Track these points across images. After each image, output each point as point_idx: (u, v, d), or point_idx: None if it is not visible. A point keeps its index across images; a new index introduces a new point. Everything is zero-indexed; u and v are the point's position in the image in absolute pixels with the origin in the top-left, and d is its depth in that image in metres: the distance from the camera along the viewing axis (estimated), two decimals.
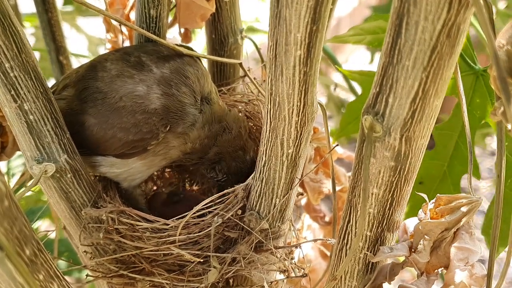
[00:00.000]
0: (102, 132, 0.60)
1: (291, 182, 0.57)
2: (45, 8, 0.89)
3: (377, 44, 0.74)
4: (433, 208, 0.51)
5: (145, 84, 0.60)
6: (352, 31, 0.75)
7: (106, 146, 0.61)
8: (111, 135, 0.60)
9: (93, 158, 0.63)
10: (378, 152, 0.46)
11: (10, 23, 0.52)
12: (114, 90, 0.60)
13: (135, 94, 0.59)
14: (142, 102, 0.59)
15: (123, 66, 0.61)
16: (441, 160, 0.75)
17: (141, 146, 0.61)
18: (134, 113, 0.59)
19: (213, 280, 0.58)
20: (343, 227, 0.52)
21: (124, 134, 0.60)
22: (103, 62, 0.63)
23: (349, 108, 0.84)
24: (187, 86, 0.62)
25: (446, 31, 0.39)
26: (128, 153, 0.61)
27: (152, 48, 0.64)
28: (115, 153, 0.62)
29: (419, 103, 0.42)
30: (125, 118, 0.59)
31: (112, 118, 0.59)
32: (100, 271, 0.64)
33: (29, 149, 0.57)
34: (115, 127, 0.60)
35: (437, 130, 0.75)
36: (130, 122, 0.59)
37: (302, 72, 0.47)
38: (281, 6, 0.44)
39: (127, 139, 0.60)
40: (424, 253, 0.49)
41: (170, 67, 0.62)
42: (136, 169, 0.64)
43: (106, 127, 0.60)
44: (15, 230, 0.41)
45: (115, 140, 0.60)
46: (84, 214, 0.61)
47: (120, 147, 0.61)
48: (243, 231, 0.60)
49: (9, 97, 0.54)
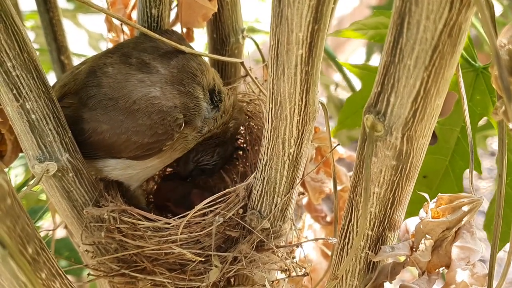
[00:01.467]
0: (115, 137, 0.60)
1: (292, 182, 0.57)
2: (47, 8, 0.89)
3: (378, 39, 0.74)
4: (434, 207, 0.51)
5: (159, 86, 0.60)
6: (354, 26, 0.75)
7: (120, 149, 0.61)
8: (125, 139, 0.60)
9: (105, 162, 0.63)
10: (379, 151, 0.46)
11: (12, 22, 0.52)
12: (125, 95, 0.59)
13: (150, 96, 0.59)
14: (158, 102, 0.59)
15: (127, 69, 0.61)
16: (443, 155, 0.76)
17: (156, 148, 0.61)
18: (149, 114, 0.59)
19: (214, 279, 0.58)
20: (345, 226, 0.52)
21: (139, 138, 0.60)
22: (103, 67, 0.62)
23: (348, 102, 0.84)
24: (196, 82, 0.63)
25: (448, 31, 0.39)
26: (143, 154, 0.62)
27: (150, 45, 0.64)
28: (129, 156, 0.62)
29: (420, 102, 0.42)
30: (140, 120, 0.59)
31: (126, 123, 0.59)
32: (102, 270, 0.64)
33: (31, 148, 0.57)
34: (130, 131, 0.59)
35: (439, 125, 0.75)
36: (145, 124, 0.59)
37: (304, 71, 0.47)
38: (283, 5, 0.44)
39: (142, 141, 0.60)
40: (425, 252, 0.49)
41: (176, 66, 0.62)
42: (154, 167, 0.66)
43: (119, 132, 0.60)
44: (17, 229, 0.41)
45: (130, 144, 0.60)
46: (86, 213, 0.61)
47: (135, 149, 0.61)
48: (245, 230, 0.60)
49: (11, 96, 0.54)
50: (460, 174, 0.76)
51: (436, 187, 0.77)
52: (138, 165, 0.63)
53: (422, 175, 0.76)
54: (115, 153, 0.62)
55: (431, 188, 0.77)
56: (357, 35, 0.75)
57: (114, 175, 0.64)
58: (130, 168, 0.64)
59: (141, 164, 0.63)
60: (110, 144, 0.61)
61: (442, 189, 0.76)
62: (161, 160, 0.64)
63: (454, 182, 0.76)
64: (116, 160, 0.63)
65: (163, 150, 0.61)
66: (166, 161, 0.66)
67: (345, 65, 0.80)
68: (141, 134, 0.59)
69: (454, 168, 0.75)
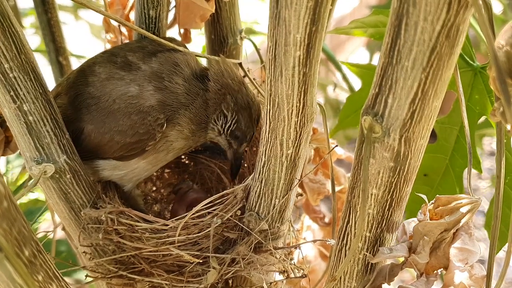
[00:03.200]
0: (99, 137, 0.60)
1: (290, 183, 0.57)
2: (45, 9, 0.89)
3: (378, 37, 0.75)
4: (432, 208, 0.51)
5: (136, 83, 0.60)
6: (353, 24, 0.75)
7: (105, 149, 0.61)
8: (108, 139, 0.60)
9: (94, 163, 0.63)
10: (377, 153, 0.46)
11: (9, 24, 0.52)
12: (107, 93, 0.60)
13: (128, 95, 0.59)
14: (136, 102, 0.59)
15: (112, 68, 0.61)
16: (443, 153, 0.76)
17: (139, 148, 0.61)
18: (129, 114, 0.59)
19: (212, 281, 0.58)
20: (343, 228, 0.52)
21: (121, 137, 0.60)
22: (92, 66, 0.63)
23: (348, 101, 0.84)
24: (178, 74, 0.61)
25: (446, 32, 0.39)
26: (127, 155, 0.61)
27: (136, 45, 0.64)
28: (114, 156, 0.62)
29: (418, 103, 0.42)
30: (121, 121, 0.59)
31: (108, 122, 0.60)
32: (100, 272, 0.64)
33: (28, 150, 0.57)
34: (112, 130, 0.60)
35: (438, 124, 0.75)
36: (126, 124, 0.59)
37: (302, 73, 0.47)
38: (280, 7, 0.44)
39: (125, 141, 0.60)
40: (423, 254, 0.49)
41: (158, 60, 0.62)
42: (141, 168, 0.65)
43: (103, 132, 0.60)
44: (14, 231, 0.41)
45: (113, 144, 0.61)
46: (84, 214, 0.61)
47: (119, 149, 0.61)
48: (243, 232, 0.60)
49: (9, 98, 0.54)
50: (460, 172, 0.76)
51: (437, 186, 0.77)
52: (124, 166, 0.63)
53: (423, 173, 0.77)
54: (102, 154, 0.62)
55: (432, 186, 0.77)
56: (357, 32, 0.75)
57: (105, 175, 0.64)
58: (117, 169, 0.64)
59: (126, 165, 0.63)
60: (96, 144, 0.61)
61: (443, 187, 0.76)
62: (147, 162, 0.64)
63: (454, 180, 0.76)
64: (104, 161, 0.63)
65: (146, 151, 0.61)
66: (154, 163, 0.65)
67: (345, 64, 0.80)
68: (123, 133, 0.59)
69: (454, 167, 0.76)
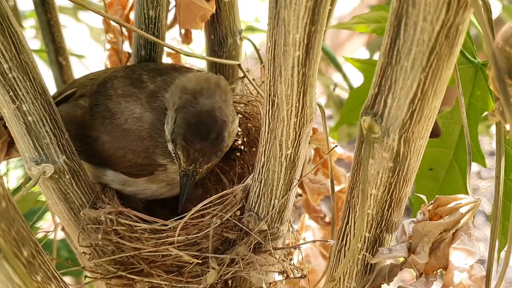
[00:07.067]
0: (113, 150, 0.62)
1: (289, 183, 0.57)
2: (45, 9, 0.89)
3: (380, 32, 0.75)
4: (432, 209, 0.50)
5: (140, 103, 0.61)
6: (355, 19, 0.75)
7: (116, 162, 0.62)
8: (121, 154, 0.62)
9: (104, 171, 0.64)
10: (376, 153, 0.46)
11: (8, 24, 0.52)
12: (120, 111, 0.61)
13: (133, 117, 0.60)
14: (141, 125, 0.60)
15: (127, 84, 0.63)
16: (447, 148, 0.76)
17: (148, 170, 0.62)
18: (142, 139, 0.60)
19: (211, 281, 0.58)
20: (342, 228, 0.52)
21: (133, 156, 0.61)
22: (113, 79, 0.64)
23: (351, 95, 0.84)
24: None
25: (445, 32, 0.38)
26: (135, 173, 0.63)
27: (152, 67, 0.66)
28: (123, 171, 0.63)
29: (418, 104, 0.42)
30: (134, 142, 0.61)
31: (122, 140, 0.61)
32: (99, 272, 0.64)
33: (27, 150, 0.57)
34: (126, 147, 0.61)
35: (442, 119, 0.75)
36: (140, 147, 0.61)
37: (301, 73, 0.47)
38: (279, 7, 0.44)
39: (136, 161, 0.61)
40: (423, 254, 0.49)
41: (162, 80, 0.63)
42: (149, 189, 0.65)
43: (117, 146, 0.61)
44: (12, 232, 0.41)
45: (125, 160, 0.62)
46: (83, 215, 0.61)
47: (128, 166, 0.62)
48: (242, 232, 0.60)
49: (8, 98, 0.54)
50: (465, 167, 0.76)
51: (442, 180, 0.77)
52: (133, 183, 0.64)
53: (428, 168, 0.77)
54: (112, 166, 0.63)
55: (438, 180, 0.77)
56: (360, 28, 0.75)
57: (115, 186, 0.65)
58: (126, 184, 0.65)
59: (134, 182, 0.64)
60: (109, 155, 0.62)
61: (448, 181, 0.76)
62: (158, 186, 0.64)
63: (459, 174, 0.76)
64: (113, 172, 0.64)
65: (154, 174, 0.63)
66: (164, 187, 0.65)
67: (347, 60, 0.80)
68: (136, 154, 0.61)
69: (459, 161, 0.76)
